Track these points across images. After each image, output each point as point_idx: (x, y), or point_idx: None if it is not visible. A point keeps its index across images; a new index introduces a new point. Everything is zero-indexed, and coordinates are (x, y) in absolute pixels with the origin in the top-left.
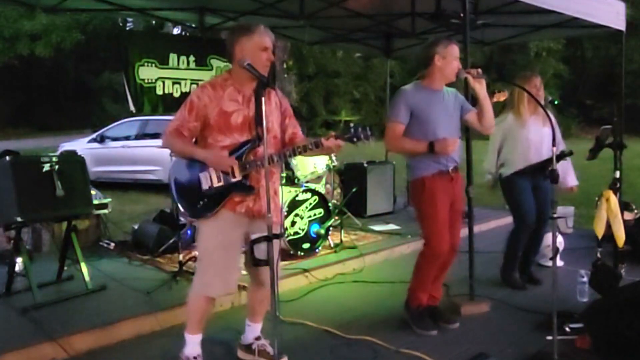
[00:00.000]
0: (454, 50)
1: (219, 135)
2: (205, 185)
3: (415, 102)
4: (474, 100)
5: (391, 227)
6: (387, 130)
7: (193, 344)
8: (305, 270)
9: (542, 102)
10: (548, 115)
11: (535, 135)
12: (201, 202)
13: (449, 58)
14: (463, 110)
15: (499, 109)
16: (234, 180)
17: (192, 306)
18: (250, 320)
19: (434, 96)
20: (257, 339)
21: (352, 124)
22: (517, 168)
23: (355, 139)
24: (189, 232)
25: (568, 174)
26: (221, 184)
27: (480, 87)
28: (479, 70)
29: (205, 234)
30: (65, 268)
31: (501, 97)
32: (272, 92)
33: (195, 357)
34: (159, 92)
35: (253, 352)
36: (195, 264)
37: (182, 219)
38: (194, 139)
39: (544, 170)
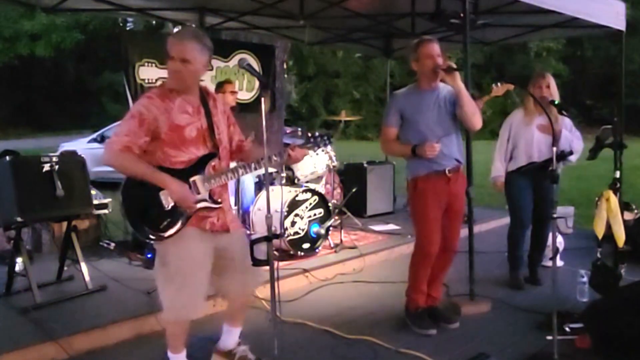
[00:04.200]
0: (426, 48)
1: (172, 151)
2: (166, 205)
3: (405, 105)
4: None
5: (391, 227)
6: (380, 135)
7: None
8: (305, 270)
9: (549, 102)
10: (549, 116)
11: (541, 134)
12: (165, 222)
13: (421, 57)
14: (455, 106)
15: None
16: (198, 197)
17: (172, 330)
18: (230, 324)
19: (423, 98)
20: (239, 344)
21: (312, 134)
22: (519, 164)
23: (316, 147)
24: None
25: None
26: None
27: (452, 80)
28: (449, 63)
29: (175, 254)
30: (65, 268)
31: (500, 90)
32: (217, 98)
33: None
34: None
35: (233, 358)
36: (159, 288)
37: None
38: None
39: (545, 170)
